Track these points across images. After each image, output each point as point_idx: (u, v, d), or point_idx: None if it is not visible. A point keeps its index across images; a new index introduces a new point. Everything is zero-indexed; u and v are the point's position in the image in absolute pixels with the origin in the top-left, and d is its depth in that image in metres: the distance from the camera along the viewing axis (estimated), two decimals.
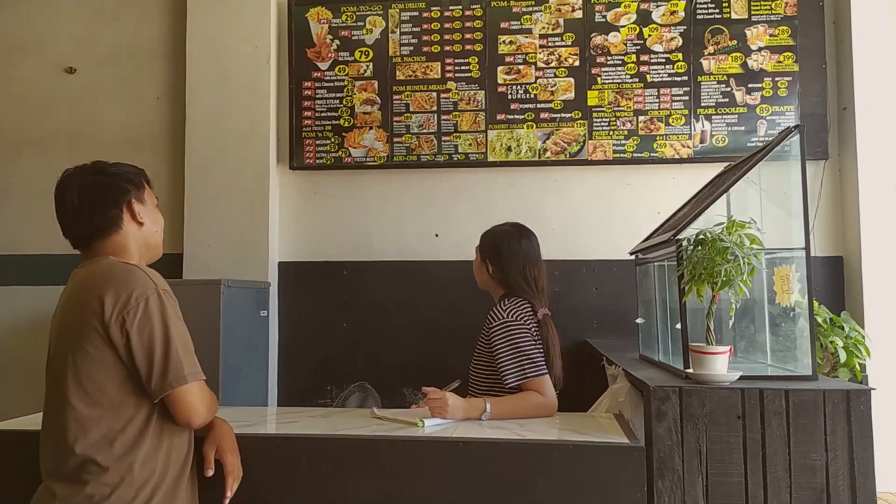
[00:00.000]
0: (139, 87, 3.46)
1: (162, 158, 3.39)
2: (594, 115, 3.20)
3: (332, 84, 3.32)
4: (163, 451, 1.48)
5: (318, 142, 3.32)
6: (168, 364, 1.42)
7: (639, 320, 2.34)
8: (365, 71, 3.31)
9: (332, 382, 3.25)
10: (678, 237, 1.74)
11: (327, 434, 1.69)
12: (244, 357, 2.93)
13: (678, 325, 1.76)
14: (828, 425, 1.54)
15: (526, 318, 2.06)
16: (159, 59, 3.47)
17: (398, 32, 3.30)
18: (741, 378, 1.62)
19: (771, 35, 3.13)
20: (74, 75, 3.48)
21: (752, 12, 3.14)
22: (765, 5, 3.13)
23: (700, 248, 1.65)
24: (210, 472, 1.56)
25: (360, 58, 3.32)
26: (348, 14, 3.33)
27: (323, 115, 3.32)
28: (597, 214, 3.23)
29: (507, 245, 2.22)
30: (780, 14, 3.13)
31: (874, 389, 1.57)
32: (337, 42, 3.33)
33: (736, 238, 1.62)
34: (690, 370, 1.66)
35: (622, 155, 3.18)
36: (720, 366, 1.61)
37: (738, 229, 1.64)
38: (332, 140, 3.31)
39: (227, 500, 1.56)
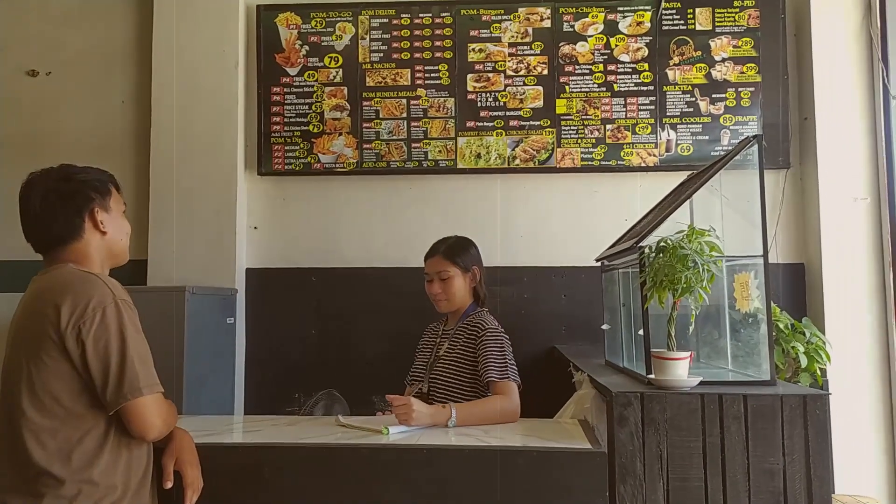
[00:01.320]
0: (104, 90, 3.40)
1: (126, 163, 3.33)
2: (562, 123, 3.22)
3: (301, 90, 3.30)
4: (122, 464, 1.45)
5: (286, 147, 3.29)
6: (123, 376, 1.40)
7: (604, 326, 2.36)
8: (334, 77, 3.30)
9: (300, 390, 3.22)
10: (640, 244, 1.76)
11: (290, 442, 1.67)
12: (210, 365, 2.89)
13: (641, 331, 1.79)
14: (785, 430, 1.57)
15: None
16: (125, 63, 3.41)
17: (368, 39, 3.30)
18: (701, 383, 1.64)
19: (734, 46, 3.19)
20: (37, 78, 3.41)
21: (717, 24, 3.20)
22: (728, 17, 3.20)
23: (661, 255, 1.68)
24: (168, 485, 1.53)
25: (329, 64, 3.30)
26: (318, 20, 3.31)
27: (292, 120, 3.30)
28: (565, 221, 3.26)
29: (478, 251, 2.30)
30: (743, 26, 3.19)
31: (831, 395, 1.60)
32: (306, 48, 3.31)
33: (696, 245, 1.65)
34: (652, 376, 1.68)
35: (590, 163, 3.21)
36: (681, 371, 1.64)
37: (699, 237, 1.67)
38: (301, 146, 3.29)
39: None
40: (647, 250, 1.74)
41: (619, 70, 3.22)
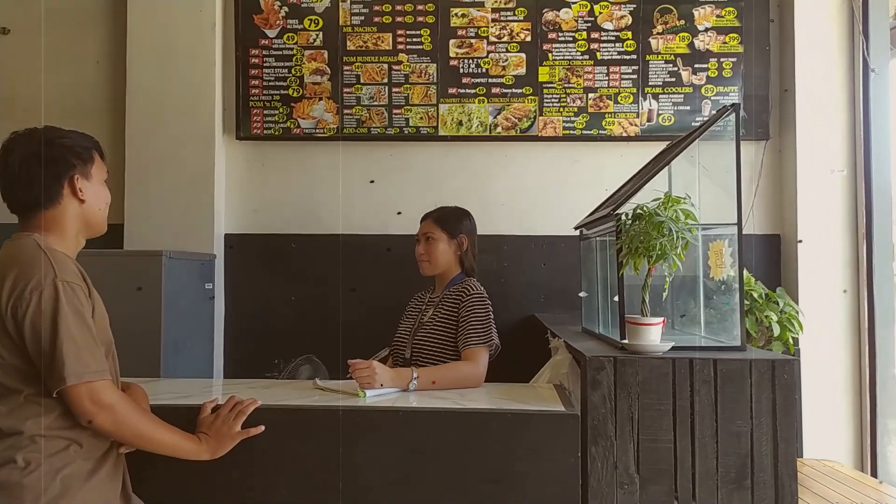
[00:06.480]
0: (77, 50, 3.32)
1: (102, 124, 3.26)
2: (545, 91, 3.21)
3: (280, 52, 3.25)
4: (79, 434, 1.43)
5: (265, 112, 3.24)
6: (53, 363, 1.37)
7: (582, 294, 2.38)
8: (314, 40, 3.24)
9: (280, 355, 3.23)
10: (617, 212, 1.77)
11: (267, 404, 1.67)
12: (188, 330, 2.88)
13: (616, 298, 1.81)
14: (753, 393, 1.60)
15: None
16: (99, 21, 3.32)
17: (349, 1, 3.24)
18: (673, 348, 1.67)
19: (717, 16, 3.18)
20: (8, 36, 3.31)
21: None
22: None
23: (637, 222, 1.69)
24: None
25: (309, 26, 3.24)
26: None
27: (271, 84, 3.25)
28: (546, 190, 3.26)
29: (472, 224, 2.32)
30: None
31: (798, 360, 1.64)
32: (285, 9, 3.24)
33: (671, 213, 1.66)
34: (626, 341, 1.70)
35: (572, 132, 3.20)
36: (654, 336, 1.66)
37: (674, 204, 1.68)
38: (281, 110, 3.24)
39: None
40: (623, 217, 1.75)
41: (602, 38, 3.20)
